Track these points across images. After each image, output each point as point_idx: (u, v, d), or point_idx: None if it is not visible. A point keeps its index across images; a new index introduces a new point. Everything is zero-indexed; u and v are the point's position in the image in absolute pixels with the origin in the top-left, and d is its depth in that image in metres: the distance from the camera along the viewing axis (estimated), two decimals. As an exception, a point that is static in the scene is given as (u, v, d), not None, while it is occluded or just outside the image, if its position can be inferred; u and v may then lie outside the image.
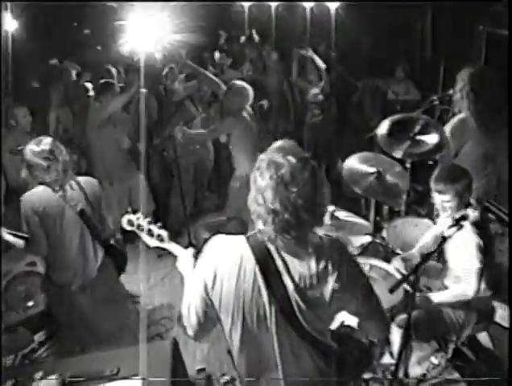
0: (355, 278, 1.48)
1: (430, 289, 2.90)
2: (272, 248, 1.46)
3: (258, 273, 1.44)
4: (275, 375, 1.53)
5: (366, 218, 3.64)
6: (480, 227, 2.43)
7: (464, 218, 2.19)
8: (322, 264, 1.43)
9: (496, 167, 3.79)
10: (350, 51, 5.56)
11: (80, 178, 2.71)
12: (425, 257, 1.81)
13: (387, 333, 1.71)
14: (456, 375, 3.02)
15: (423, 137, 3.38)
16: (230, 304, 1.48)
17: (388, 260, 3.16)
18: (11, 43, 3.58)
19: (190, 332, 1.59)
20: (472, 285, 2.42)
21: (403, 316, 2.65)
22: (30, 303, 3.38)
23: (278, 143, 1.47)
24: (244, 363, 1.57)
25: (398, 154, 3.36)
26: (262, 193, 1.38)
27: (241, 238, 1.51)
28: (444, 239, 2.02)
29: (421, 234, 3.13)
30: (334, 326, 1.85)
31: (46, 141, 2.59)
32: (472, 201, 2.57)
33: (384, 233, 3.38)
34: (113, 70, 4.66)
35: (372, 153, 3.49)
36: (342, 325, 1.82)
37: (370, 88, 5.71)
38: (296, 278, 1.43)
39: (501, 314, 3.33)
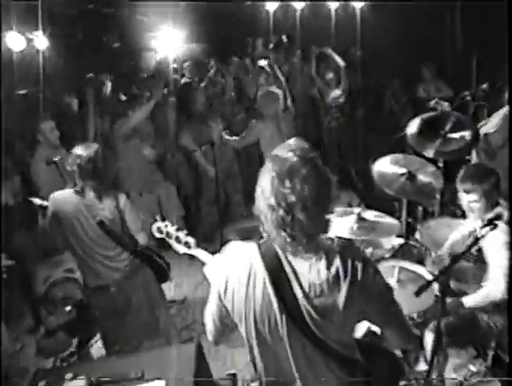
0: (371, 284, 1.41)
1: (466, 294, 2.81)
2: (282, 254, 1.43)
3: (268, 281, 1.41)
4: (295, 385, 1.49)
5: (399, 219, 3.57)
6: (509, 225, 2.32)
7: (498, 217, 2.11)
8: (333, 270, 1.38)
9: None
10: (377, 51, 5.47)
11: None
12: (454, 259, 1.74)
13: (412, 343, 1.62)
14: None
15: (454, 135, 3.28)
16: (242, 312, 1.46)
17: (421, 263, 3.08)
18: (42, 61, 3.70)
19: (209, 337, 1.61)
20: (499, 285, 2.30)
21: (435, 322, 2.57)
22: (68, 308, 3.51)
23: (289, 141, 1.44)
24: (263, 370, 1.54)
25: (430, 153, 3.29)
26: (262, 187, 1.38)
27: (253, 245, 1.49)
28: (477, 239, 1.94)
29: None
30: (359, 334, 1.80)
31: (92, 146, 2.71)
32: (502, 201, 2.47)
33: (417, 235, 3.28)
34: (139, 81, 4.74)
35: (401, 155, 3.41)
36: (369, 333, 1.77)
37: (398, 88, 5.60)
38: (305, 285, 1.39)
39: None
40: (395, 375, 1.70)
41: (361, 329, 2.07)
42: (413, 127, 3.37)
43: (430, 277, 2.67)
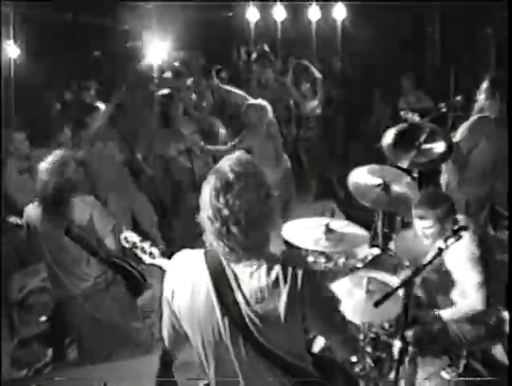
0: (312, 293, 1.43)
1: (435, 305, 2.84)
2: (225, 261, 1.46)
3: (211, 287, 1.44)
4: None
5: (376, 230, 3.61)
6: (479, 238, 2.36)
7: (463, 228, 2.13)
8: (273, 277, 1.41)
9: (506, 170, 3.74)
10: (358, 63, 5.56)
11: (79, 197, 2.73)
12: (415, 271, 1.76)
13: (355, 353, 1.66)
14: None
15: (428, 146, 3.34)
16: (188, 319, 1.50)
17: (395, 273, 3.12)
18: (13, 69, 3.71)
19: (166, 344, 1.65)
20: (478, 300, 2.34)
21: (410, 332, 2.60)
22: (44, 318, 3.47)
23: (234, 154, 1.48)
24: (213, 375, 1.56)
25: (405, 164, 3.34)
26: (203, 199, 1.42)
27: (200, 252, 1.52)
28: (440, 251, 1.96)
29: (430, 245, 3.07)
30: (317, 348, 1.82)
31: (56, 153, 2.70)
32: (460, 217, 2.51)
33: (392, 245, 3.32)
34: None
35: (378, 165, 3.46)
36: (327, 348, 1.79)
37: (380, 99, 5.69)
38: (247, 292, 1.42)
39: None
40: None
41: (319, 343, 2.11)
42: (388, 138, 3.42)
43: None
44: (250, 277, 1.43)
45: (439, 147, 3.32)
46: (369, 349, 2.94)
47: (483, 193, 3.69)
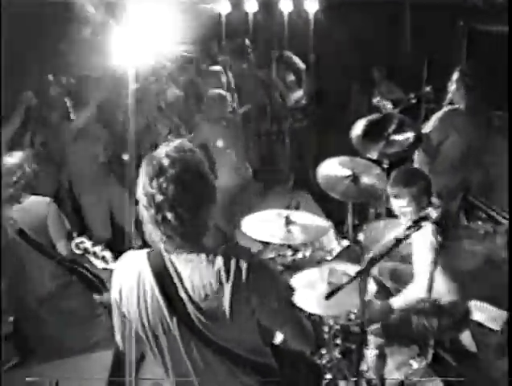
0: (258, 285, 1.39)
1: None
2: (167, 257, 1.43)
3: (155, 286, 1.41)
4: None
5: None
6: (440, 226, 2.35)
7: (425, 218, 2.12)
8: (215, 272, 1.37)
9: (480, 161, 3.77)
10: (330, 54, 5.54)
11: (32, 198, 2.66)
12: (370, 261, 1.74)
13: (310, 345, 1.63)
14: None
15: (397, 137, 3.34)
16: (137, 317, 1.45)
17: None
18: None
19: (120, 345, 1.60)
20: (422, 287, 2.34)
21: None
22: (11, 318, 3.40)
23: (173, 142, 1.44)
24: (171, 372, 1.53)
25: (374, 155, 3.33)
26: (138, 187, 1.39)
27: (143, 252, 1.49)
28: (398, 241, 1.94)
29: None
30: (278, 340, 1.80)
31: (16, 155, 2.63)
32: (434, 200, 2.51)
33: (361, 236, 3.32)
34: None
35: (347, 157, 3.44)
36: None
37: (354, 91, 5.69)
38: (190, 289, 1.39)
39: (484, 316, 3.26)
40: (311, 380, 1.70)
41: (280, 335, 2.08)
42: (357, 129, 3.41)
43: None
44: (192, 273, 1.39)
45: (407, 138, 3.32)
46: (338, 340, 2.95)
47: (454, 184, 3.71)
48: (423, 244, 2.33)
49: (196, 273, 1.39)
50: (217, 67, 4.17)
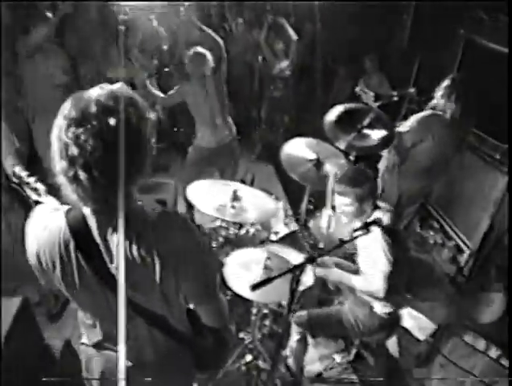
0: (188, 258, 1.28)
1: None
2: (90, 222, 1.26)
3: (77, 249, 1.25)
4: None
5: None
6: (391, 230, 2.29)
7: (374, 223, 2.04)
8: (145, 242, 1.23)
9: (448, 173, 3.74)
10: (330, 33, 5.35)
11: None
12: (308, 259, 1.64)
13: (223, 324, 1.55)
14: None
15: (369, 131, 3.22)
16: (59, 276, 1.30)
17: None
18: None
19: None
20: (378, 288, 2.29)
21: (301, 313, 2.56)
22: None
23: (112, 86, 1.20)
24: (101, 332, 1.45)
25: (342, 145, 3.19)
26: (55, 125, 1.15)
27: (62, 209, 1.31)
28: (342, 242, 1.86)
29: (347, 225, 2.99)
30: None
31: None
32: (383, 204, 2.44)
33: (311, 223, 3.25)
34: None
35: (316, 140, 3.32)
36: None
37: (342, 74, 5.54)
38: (114, 256, 1.25)
39: (413, 324, 3.30)
40: (219, 347, 1.62)
41: None
42: (332, 115, 3.26)
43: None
44: (115, 241, 1.25)
45: (379, 134, 3.19)
46: (267, 321, 2.91)
47: (416, 189, 3.68)
48: (373, 246, 2.26)
49: (123, 243, 1.22)
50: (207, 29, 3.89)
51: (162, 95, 3.82)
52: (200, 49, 3.58)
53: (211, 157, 3.84)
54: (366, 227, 1.95)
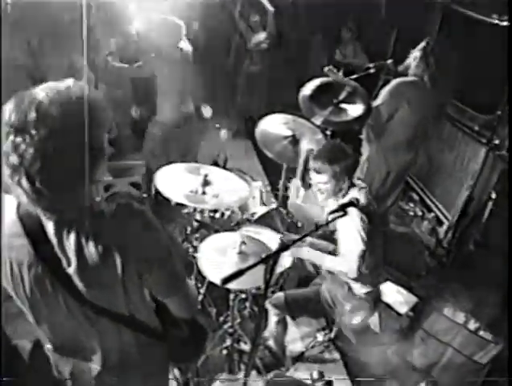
0: (147, 251, 1.21)
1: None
2: (44, 219, 1.16)
3: (29, 245, 1.16)
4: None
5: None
6: (366, 209, 2.23)
7: (350, 204, 1.97)
8: (101, 239, 1.14)
9: (427, 143, 3.65)
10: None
11: None
12: (282, 247, 1.55)
13: (192, 313, 1.49)
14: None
15: (346, 106, 3.11)
16: (8, 272, 1.21)
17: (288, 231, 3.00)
18: None
19: None
20: (352, 268, 2.23)
21: (278, 295, 2.51)
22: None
23: (65, 82, 1.07)
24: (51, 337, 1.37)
25: (318, 121, 3.08)
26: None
27: (13, 201, 1.19)
28: (318, 227, 1.77)
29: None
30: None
31: None
32: (358, 182, 2.37)
33: (289, 204, 3.17)
34: None
35: (291, 116, 3.21)
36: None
37: (319, 45, 5.39)
38: (71, 256, 1.15)
39: (394, 299, 3.30)
40: (196, 336, 1.58)
41: None
42: (307, 90, 3.14)
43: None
44: (75, 241, 1.15)
45: (356, 109, 3.09)
46: (247, 304, 2.87)
47: (403, 163, 3.46)
48: (348, 225, 2.19)
49: (78, 240, 1.15)
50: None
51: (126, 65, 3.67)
52: (172, 18, 3.39)
53: (173, 133, 3.68)
54: (342, 208, 1.88)
